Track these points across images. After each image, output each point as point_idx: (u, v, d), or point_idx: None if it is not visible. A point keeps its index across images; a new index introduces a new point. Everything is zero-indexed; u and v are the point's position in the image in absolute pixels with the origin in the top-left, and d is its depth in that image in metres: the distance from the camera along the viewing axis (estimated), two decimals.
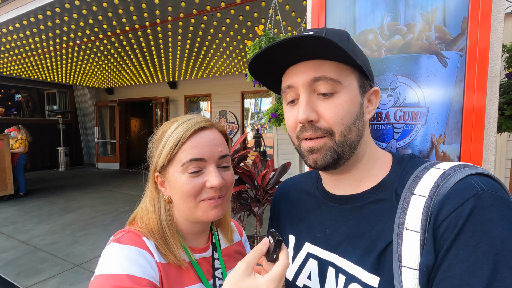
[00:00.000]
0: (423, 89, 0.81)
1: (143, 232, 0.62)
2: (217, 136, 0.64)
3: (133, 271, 0.53)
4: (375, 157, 0.59)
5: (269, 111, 2.15)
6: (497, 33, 0.78)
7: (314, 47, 0.50)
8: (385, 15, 0.87)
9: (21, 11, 3.77)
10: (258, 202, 2.72)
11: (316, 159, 0.54)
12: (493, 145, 0.81)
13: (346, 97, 0.52)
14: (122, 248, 0.57)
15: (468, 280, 0.39)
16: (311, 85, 0.53)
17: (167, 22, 4.10)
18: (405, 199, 0.48)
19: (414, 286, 0.44)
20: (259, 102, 8.21)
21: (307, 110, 0.52)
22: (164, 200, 0.66)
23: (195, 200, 0.60)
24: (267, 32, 1.92)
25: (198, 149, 0.60)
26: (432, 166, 0.50)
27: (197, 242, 0.70)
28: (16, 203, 5.57)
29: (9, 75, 8.16)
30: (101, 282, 0.52)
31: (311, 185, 0.70)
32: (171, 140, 0.60)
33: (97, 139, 9.87)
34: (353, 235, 0.55)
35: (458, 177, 0.45)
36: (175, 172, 0.61)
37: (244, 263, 0.48)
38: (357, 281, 0.51)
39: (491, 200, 0.41)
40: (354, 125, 0.53)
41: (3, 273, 3.01)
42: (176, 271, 0.62)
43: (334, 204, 0.61)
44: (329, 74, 0.52)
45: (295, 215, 0.69)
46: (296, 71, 0.55)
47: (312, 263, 0.61)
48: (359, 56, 0.55)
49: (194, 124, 0.61)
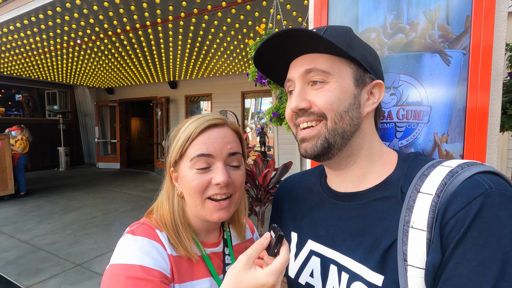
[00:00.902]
0: (426, 88, 0.81)
1: (156, 225, 0.64)
2: (228, 134, 0.65)
3: (145, 262, 0.55)
4: (378, 154, 0.59)
5: (270, 111, 2.15)
6: (500, 31, 0.78)
7: (307, 42, 0.54)
8: (388, 13, 0.86)
9: (22, 10, 3.77)
10: (260, 201, 2.72)
11: (306, 147, 0.57)
12: (496, 144, 0.80)
13: (336, 85, 0.54)
14: (136, 239, 0.59)
15: (475, 280, 0.38)
16: (304, 77, 0.56)
17: (168, 21, 4.10)
18: (411, 197, 0.48)
19: (419, 285, 0.44)
20: (259, 102, 8.21)
21: (297, 99, 0.56)
22: (177, 195, 0.68)
23: (201, 196, 0.61)
24: (269, 31, 1.92)
25: (207, 145, 0.61)
26: (439, 164, 0.50)
27: (208, 238, 0.72)
28: (17, 203, 5.57)
29: (10, 75, 8.17)
30: (115, 272, 0.54)
31: (314, 182, 0.70)
32: (183, 136, 0.62)
33: (98, 139, 9.87)
34: (356, 232, 0.54)
35: (466, 175, 0.44)
36: (185, 167, 0.62)
37: (245, 256, 0.50)
38: (361, 280, 0.51)
39: (499, 199, 0.40)
40: (347, 113, 0.54)
41: (4, 272, 3.01)
42: (187, 264, 0.63)
43: (338, 202, 0.61)
44: (319, 66, 0.54)
45: (298, 212, 0.69)
46: (294, 65, 0.59)
47: (315, 261, 0.61)
48: (358, 49, 0.55)
49: (205, 121, 0.63)
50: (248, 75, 1.83)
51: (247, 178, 2.81)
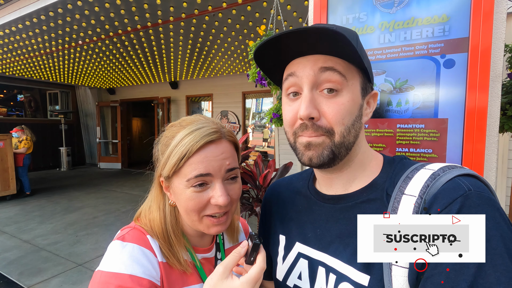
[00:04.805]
0: (428, 91, 0.82)
1: (148, 230, 0.63)
2: (226, 149, 0.60)
3: (134, 271, 0.55)
4: (369, 158, 0.60)
5: (270, 111, 2.16)
6: (499, 33, 0.78)
7: (327, 40, 0.48)
8: (388, 16, 0.87)
9: (24, 12, 3.79)
10: (260, 202, 2.72)
11: (312, 156, 0.53)
12: (495, 145, 0.81)
13: (348, 97, 0.51)
14: (126, 246, 0.58)
15: (453, 278, 0.40)
16: (317, 77, 0.51)
17: (169, 22, 4.11)
18: (396, 198, 0.49)
19: (403, 284, 0.45)
20: (260, 102, 8.21)
21: (309, 106, 0.50)
22: (169, 205, 0.65)
23: (198, 215, 0.60)
24: (269, 32, 1.92)
25: (204, 164, 0.57)
26: (422, 167, 0.51)
27: (201, 243, 0.71)
28: (19, 203, 5.60)
29: (12, 75, 8.20)
30: (104, 280, 0.53)
31: (302, 185, 0.70)
32: (177, 153, 0.57)
33: (99, 139, 9.89)
34: (343, 234, 0.55)
35: (447, 177, 0.46)
36: (180, 185, 0.59)
37: (222, 266, 0.52)
38: (348, 280, 0.52)
39: (477, 200, 0.42)
40: (353, 126, 0.53)
41: (6, 272, 3.03)
42: (178, 271, 0.63)
43: (325, 204, 0.61)
44: (337, 66, 0.51)
45: (286, 215, 0.69)
46: (303, 60, 0.53)
47: (303, 263, 0.61)
48: (365, 57, 0.55)
49: (201, 138, 0.57)
50: (249, 76, 1.83)
51: (248, 178, 2.81)
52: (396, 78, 0.86)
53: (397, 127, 0.87)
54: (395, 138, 0.87)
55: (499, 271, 0.38)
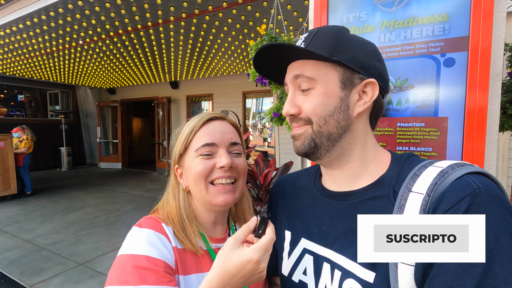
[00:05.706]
0: (429, 90, 0.82)
1: (162, 219, 0.68)
2: (228, 126, 0.71)
3: (150, 252, 0.59)
4: (372, 154, 0.60)
5: (271, 111, 2.16)
6: (499, 32, 0.78)
7: (292, 51, 0.58)
8: (388, 15, 0.87)
9: (24, 12, 3.80)
10: (261, 201, 2.73)
11: (297, 145, 0.60)
12: (495, 144, 0.81)
13: (320, 91, 0.56)
14: (142, 231, 0.63)
15: (461, 276, 0.40)
16: (294, 82, 0.59)
17: (169, 22, 4.11)
18: (403, 196, 0.49)
19: (409, 282, 0.45)
20: (260, 102, 8.21)
21: (287, 106, 0.60)
22: (182, 191, 0.72)
23: (205, 181, 0.66)
24: (269, 32, 1.92)
25: (209, 135, 0.67)
26: (430, 165, 0.51)
27: (214, 232, 0.74)
28: (20, 203, 5.61)
29: (12, 75, 8.21)
30: (123, 261, 0.58)
31: (308, 182, 0.71)
32: (186, 130, 0.69)
33: (99, 139, 9.90)
34: (349, 231, 0.55)
35: (456, 175, 0.45)
36: (190, 158, 0.68)
37: (233, 238, 0.55)
38: (353, 277, 0.52)
39: (487, 199, 0.41)
40: (332, 117, 0.56)
41: (8, 272, 3.04)
42: (192, 257, 0.66)
43: (331, 201, 0.61)
44: (305, 72, 0.57)
45: (291, 211, 0.70)
46: (288, 69, 0.62)
47: (308, 259, 0.62)
48: (345, 51, 0.55)
49: (206, 115, 0.70)
50: (249, 75, 1.83)
51: (248, 178, 2.82)
52: (396, 77, 0.86)
53: (397, 125, 0.87)
54: (395, 136, 0.87)
55: (508, 270, 0.37)
